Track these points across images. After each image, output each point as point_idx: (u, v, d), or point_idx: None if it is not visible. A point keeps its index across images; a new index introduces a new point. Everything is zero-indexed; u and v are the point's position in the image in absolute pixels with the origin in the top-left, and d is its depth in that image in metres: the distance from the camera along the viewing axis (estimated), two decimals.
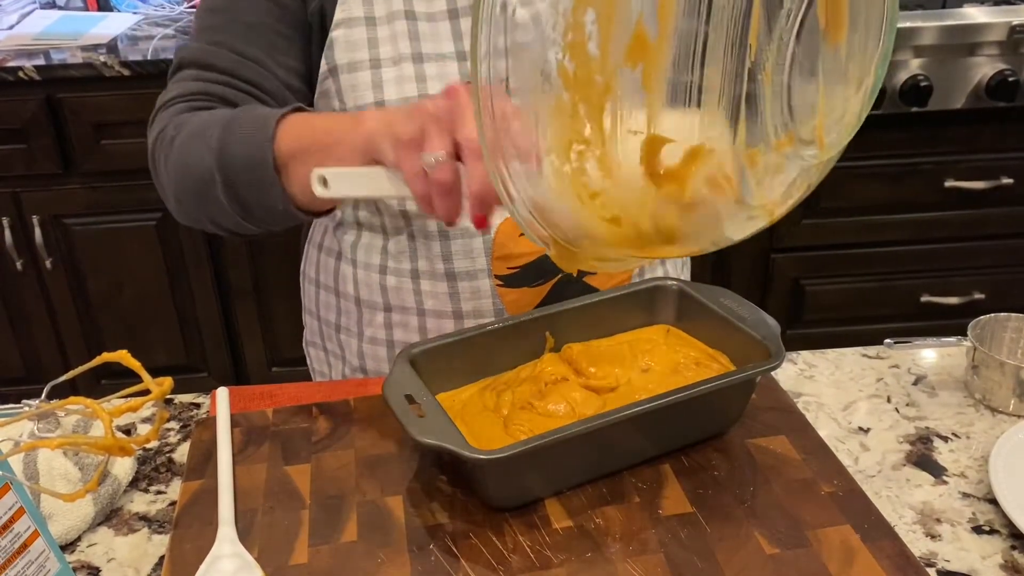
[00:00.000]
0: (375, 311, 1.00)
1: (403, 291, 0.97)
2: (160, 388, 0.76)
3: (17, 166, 1.91)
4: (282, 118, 0.80)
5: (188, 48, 0.92)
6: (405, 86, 0.87)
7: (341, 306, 1.04)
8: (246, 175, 0.80)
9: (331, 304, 1.05)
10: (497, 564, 0.68)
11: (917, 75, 1.90)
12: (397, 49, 0.88)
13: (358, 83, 0.88)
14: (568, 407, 0.79)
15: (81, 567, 0.71)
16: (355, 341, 1.04)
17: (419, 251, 0.95)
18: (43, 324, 2.09)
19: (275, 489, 0.76)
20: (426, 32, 0.88)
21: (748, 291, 2.15)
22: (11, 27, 2.05)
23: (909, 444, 0.83)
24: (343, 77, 0.89)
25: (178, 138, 0.86)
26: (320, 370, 1.13)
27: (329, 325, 1.07)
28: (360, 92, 0.88)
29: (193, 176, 0.84)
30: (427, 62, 0.88)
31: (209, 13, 0.93)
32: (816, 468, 0.77)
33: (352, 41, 0.88)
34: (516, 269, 0.93)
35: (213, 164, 0.81)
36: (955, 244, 2.14)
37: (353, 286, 1.01)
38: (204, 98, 0.89)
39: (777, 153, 0.57)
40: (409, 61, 0.87)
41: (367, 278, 0.99)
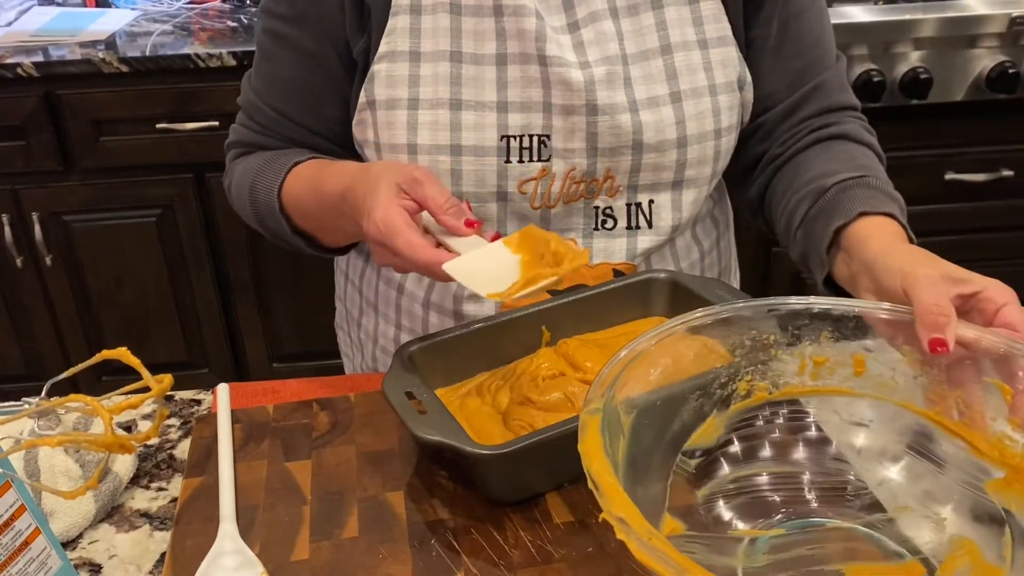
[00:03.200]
0: (388, 324, 1.01)
1: (414, 316, 0.97)
2: (160, 385, 0.76)
3: (16, 163, 1.91)
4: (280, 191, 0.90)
5: (244, 91, 0.97)
6: (439, 133, 0.85)
7: (362, 307, 1.05)
8: (272, 226, 0.94)
9: (355, 300, 1.06)
10: (498, 559, 0.68)
11: (917, 67, 1.90)
12: (437, 92, 0.85)
13: (395, 122, 0.86)
14: (567, 401, 0.79)
15: (83, 564, 0.71)
16: (371, 343, 1.05)
17: (436, 284, 0.95)
18: (43, 321, 2.09)
19: (276, 485, 0.76)
20: (469, 77, 0.85)
21: (748, 285, 2.14)
22: (9, 24, 2.05)
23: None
24: (380, 113, 0.87)
25: (231, 192, 0.99)
26: (347, 352, 1.14)
27: (353, 319, 1.08)
28: (395, 131, 0.86)
29: (251, 221, 0.98)
30: (465, 110, 0.85)
31: (257, 56, 0.95)
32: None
33: (394, 76, 0.86)
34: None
35: (255, 220, 0.96)
36: (955, 237, 2.14)
37: (374, 293, 1.01)
38: (248, 147, 0.98)
39: None
40: (447, 108, 0.85)
41: (386, 292, 1.00)
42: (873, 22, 1.88)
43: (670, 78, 0.87)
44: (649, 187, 0.90)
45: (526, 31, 0.83)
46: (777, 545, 0.66)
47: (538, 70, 0.84)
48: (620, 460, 0.58)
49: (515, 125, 0.85)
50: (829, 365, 0.71)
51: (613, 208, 0.90)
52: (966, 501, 0.66)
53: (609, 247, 0.91)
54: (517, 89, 0.85)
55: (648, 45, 0.86)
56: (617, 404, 0.60)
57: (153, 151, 1.92)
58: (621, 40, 0.86)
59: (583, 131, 0.86)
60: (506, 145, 0.86)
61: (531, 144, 0.86)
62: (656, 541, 0.49)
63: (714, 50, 0.88)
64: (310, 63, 0.90)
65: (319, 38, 0.89)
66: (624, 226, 0.91)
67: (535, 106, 0.85)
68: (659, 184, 0.89)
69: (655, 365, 0.65)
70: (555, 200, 0.88)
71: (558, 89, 0.84)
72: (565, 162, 0.87)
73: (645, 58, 0.86)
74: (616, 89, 0.85)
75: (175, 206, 1.99)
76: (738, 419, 0.71)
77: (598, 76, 0.85)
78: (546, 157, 0.86)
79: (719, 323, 0.69)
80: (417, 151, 0.86)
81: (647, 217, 0.91)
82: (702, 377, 0.69)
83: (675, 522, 0.63)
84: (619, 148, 0.86)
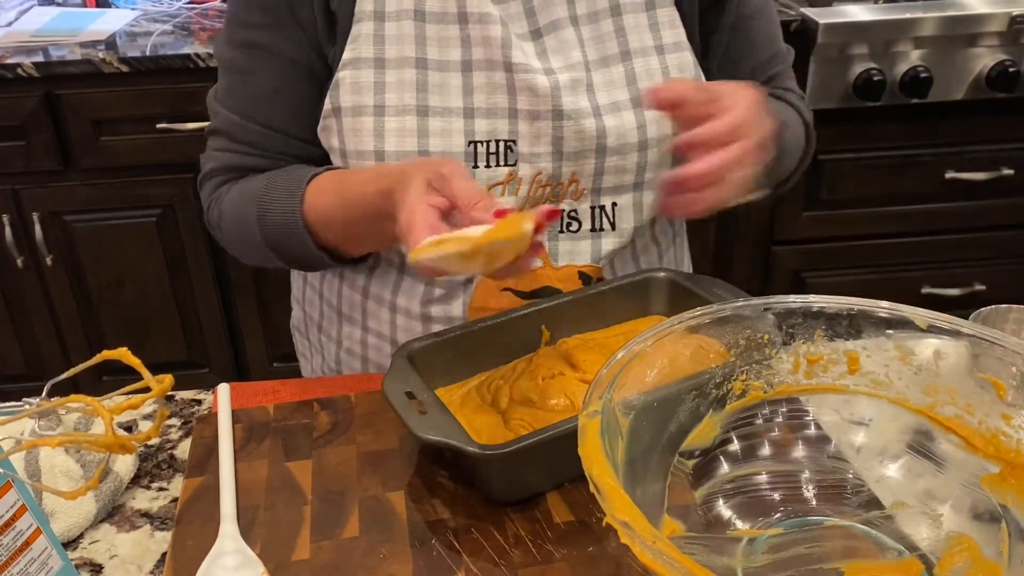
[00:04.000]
0: (354, 327, 1.00)
1: (381, 319, 0.97)
2: (160, 385, 0.76)
3: (16, 163, 1.91)
4: (303, 202, 0.87)
5: (218, 115, 0.93)
6: (406, 139, 0.85)
7: (324, 310, 1.04)
8: (290, 246, 0.90)
9: (315, 303, 1.05)
10: (499, 558, 0.68)
11: (917, 66, 1.90)
12: (403, 99, 0.85)
13: (361, 128, 0.86)
14: (567, 401, 0.79)
15: (83, 564, 0.71)
16: (333, 346, 1.04)
17: (403, 287, 0.94)
18: (44, 321, 2.09)
19: (276, 485, 0.76)
20: (435, 83, 0.86)
21: (749, 284, 2.15)
22: (9, 24, 2.05)
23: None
24: (346, 120, 0.86)
25: (223, 223, 0.95)
26: (304, 353, 1.13)
27: (312, 321, 1.07)
28: (362, 138, 0.86)
29: (253, 256, 0.95)
30: (432, 116, 0.85)
31: (229, 73, 0.92)
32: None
33: (359, 83, 0.86)
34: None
35: (263, 245, 0.91)
36: (956, 235, 2.14)
37: (336, 297, 1.01)
38: (235, 174, 0.94)
39: None
40: (413, 114, 0.85)
41: (350, 296, 0.99)
42: (873, 21, 1.88)
43: (630, 83, 0.89)
44: (612, 190, 0.91)
45: (492, 38, 0.85)
46: (776, 544, 0.66)
47: (504, 76, 0.85)
48: (619, 462, 0.58)
49: (481, 130, 0.86)
50: (823, 363, 0.71)
51: (578, 211, 0.91)
52: (964, 498, 0.67)
53: (575, 249, 0.92)
54: (483, 95, 0.86)
55: (609, 51, 0.88)
56: (615, 406, 0.60)
57: (153, 151, 1.93)
58: (583, 47, 0.88)
59: (549, 135, 0.87)
60: (473, 150, 0.86)
61: (497, 149, 0.87)
62: (660, 544, 0.49)
63: (671, 55, 0.90)
64: (293, 70, 0.89)
65: (300, 44, 0.88)
66: (588, 228, 0.92)
67: (501, 112, 0.86)
68: (621, 187, 0.91)
69: (652, 366, 0.65)
70: (522, 203, 0.89)
71: (524, 95, 0.86)
72: (531, 166, 0.88)
73: (606, 64, 0.88)
74: (580, 95, 0.87)
75: (175, 206, 1.99)
76: (734, 419, 0.71)
77: (563, 82, 0.86)
78: (512, 162, 0.87)
79: (716, 322, 0.69)
80: (384, 157, 0.86)
81: (611, 219, 0.92)
82: (698, 377, 0.69)
83: (674, 523, 0.63)
84: (583, 152, 0.88)
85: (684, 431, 0.68)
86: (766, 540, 0.66)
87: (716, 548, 0.66)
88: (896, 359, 0.70)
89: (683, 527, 0.64)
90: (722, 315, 0.69)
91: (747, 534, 0.67)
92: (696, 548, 0.64)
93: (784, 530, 0.67)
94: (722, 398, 0.70)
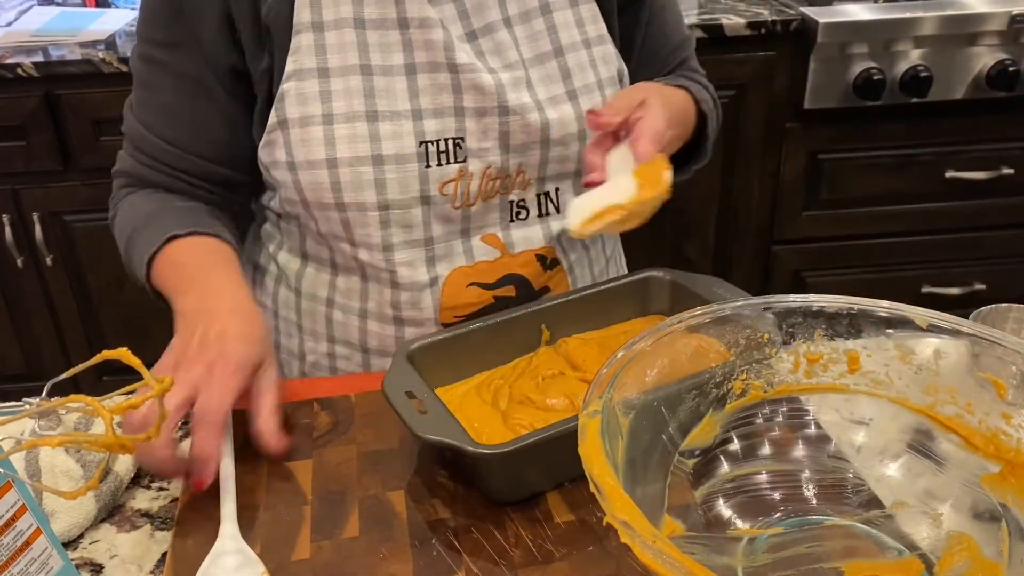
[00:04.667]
0: (319, 340, 1.00)
1: (349, 327, 0.97)
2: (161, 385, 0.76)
3: (16, 163, 1.91)
4: (151, 266, 0.91)
5: (127, 120, 0.97)
6: (358, 145, 0.86)
7: (281, 327, 1.03)
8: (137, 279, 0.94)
9: (270, 322, 1.04)
10: (499, 558, 0.68)
11: (917, 65, 1.90)
12: (351, 106, 0.86)
13: (310, 138, 0.86)
14: (567, 400, 0.80)
15: (84, 564, 0.71)
16: (296, 362, 1.03)
17: (370, 293, 0.95)
18: (44, 321, 2.09)
19: (277, 485, 0.76)
20: (381, 88, 0.87)
21: (749, 284, 2.15)
22: (9, 24, 2.05)
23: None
24: (294, 131, 0.87)
25: (114, 227, 0.98)
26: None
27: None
28: (312, 148, 0.87)
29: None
30: (382, 120, 0.87)
31: (137, 84, 0.95)
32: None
33: (304, 94, 0.86)
34: (461, 317, 0.94)
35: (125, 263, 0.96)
36: (956, 235, 2.14)
37: (296, 314, 1.00)
38: (138, 182, 0.97)
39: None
40: (363, 120, 0.86)
41: (312, 309, 0.99)
42: (873, 20, 1.88)
43: (565, 77, 0.93)
44: (555, 177, 0.95)
45: (434, 42, 0.87)
46: (776, 544, 0.66)
47: (448, 77, 0.88)
48: (619, 461, 0.58)
49: (431, 130, 0.88)
50: (823, 362, 0.71)
51: (526, 200, 0.95)
52: (965, 497, 0.67)
53: (528, 235, 0.96)
54: (428, 96, 0.88)
55: (542, 49, 0.92)
56: (615, 405, 0.60)
57: None
58: (518, 46, 0.91)
59: (496, 131, 0.90)
60: (424, 150, 0.88)
61: (447, 147, 0.89)
62: (661, 544, 0.49)
63: (595, 48, 0.95)
64: (190, 87, 0.90)
65: (197, 62, 0.89)
66: (536, 214, 0.96)
67: (447, 111, 0.89)
68: (563, 173, 0.95)
69: (652, 365, 0.65)
70: (474, 198, 0.92)
71: (470, 94, 0.88)
72: (481, 161, 0.91)
73: (541, 61, 0.92)
74: (522, 91, 0.90)
75: None
76: (734, 418, 0.71)
77: (505, 80, 0.89)
78: (462, 158, 0.90)
79: (716, 322, 0.69)
80: (337, 164, 0.87)
81: (555, 203, 0.96)
82: (698, 377, 0.69)
83: (674, 523, 0.63)
84: (529, 144, 0.91)
85: (684, 430, 0.68)
86: (766, 539, 0.66)
87: (716, 548, 0.66)
88: (896, 358, 0.70)
89: (683, 527, 0.64)
90: (722, 314, 0.69)
91: (747, 533, 0.67)
92: (696, 548, 0.64)
93: (784, 529, 0.67)
94: (722, 397, 0.70)
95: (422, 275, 0.92)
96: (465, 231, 0.93)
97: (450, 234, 0.92)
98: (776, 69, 1.95)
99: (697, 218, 2.11)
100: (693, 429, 0.69)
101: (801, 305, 0.70)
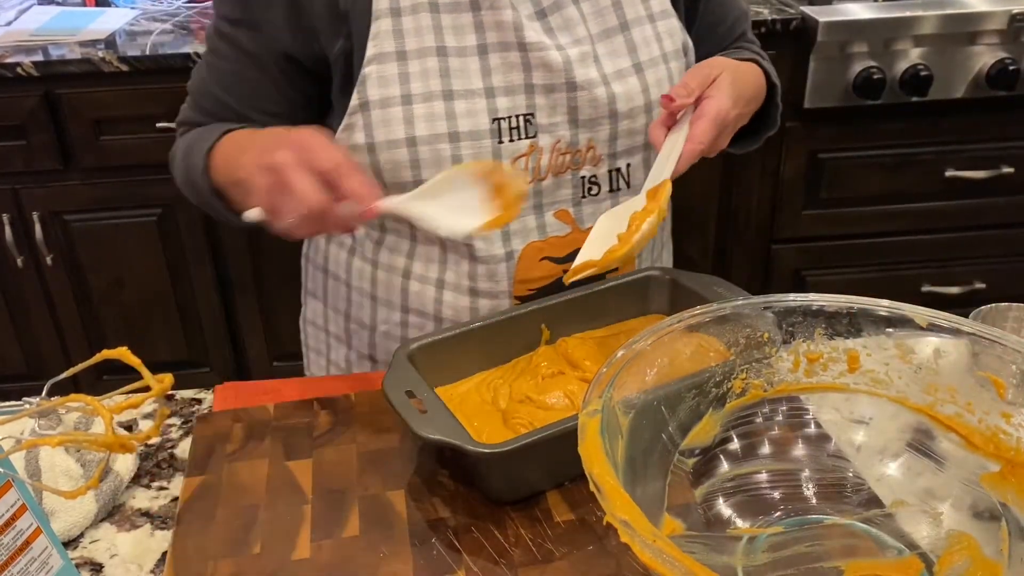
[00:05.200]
0: (392, 310, 1.02)
1: (425, 298, 0.99)
2: (160, 385, 0.76)
3: (16, 162, 1.91)
4: (209, 156, 0.93)
5: (193, 77, 1.03)
6: (436, 123, 0.90)
7: (353, 298, 1.06)
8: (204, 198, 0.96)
9: (340, 293, 1.07)
10: (499, 557, 0.68)
11: (917, 64, 1.90)
12: (428, 86, 0.90)
13: (390, 119, 0.90)
14: (567, 400, 0.80)
15: (84, 563, 0.71)
16: (367, 332, 1.06)
17: (448, 264, 0.97)
18: (44, 320, 2.09)
19: (277, 484, 0.76)
20: (456, 68, 0.91)
21: (749, 283, 2.15)
22: (9, 23, 2.05)
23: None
24: (375, 113, 0.91)
25: (174, 162, 1.02)
26: (316, 347, 1.15)
27: (338, 312, 1.09)
28: (392, 127, 0.90)
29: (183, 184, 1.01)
30: (457, 99, 0.91)
31: (207, 49, 1.00)
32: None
33: (385, 77, 0.90)
34: (533, 291, 0.96)
35: (183, 178, 0.99)
36: (956, 234, 2.14)
37: (370, 284, 1.03)
38: (193, 127, 1.02)
39: None
40: (440, 99, 0.90)
41: (388, 279, 1.01)
42: (873, 19, 1.88)
43: (631, 51, 0.96)
44: (626, 152, 0.98)
45: (504, 22, 0.90)
46: (776, 543, 0.66)
47: (518, 56, 0.91)
48: (619, 460, 0.58)
49: (503, 108, 0.92)
50: (823, 361, 0.71)
51: (597, 176, 0.97)
52: (965, 496, 0.67)
53: (597, 211, 0.97)
54: (500, 75, 0.92)
55: (608, 24, 0.95)
56: (615, 405, 0.60)
57: (153, 150, 1.92)
58: (586, 22, 0.94)
59: (564, 106, 0.93)
60: (497, 127, 0.92)
61: (518, 123, 0.93)
62: (661, 543, 0.49)
63: (660, 22, 0.98)
64: (247, 61, 0.95)
65: (257, 41, 0.94)
66: (607, 190, 0.98)
67: (518, 88, 0.92)
68: (633, 148, 0.98)
69: (652, 364, 0.65)
70: (545, 172, 0.95)
71: (539, 71, 0.92)
72: (550, 136, 0.94)
73: (608, 36, 0.95)
74: (589, 66, 0.93)
75: (176, 205, 1.99)
76: (734, 417, 0.71)
77: (573, 56, 0.92)
78: (532, 134, 0.93)
79: (716, 321, 0.69)
80: (416, 143, 0.90)
81: (626, 179, 0.99)
82: (697, 376, 0.69)
83: (674, 522, 0.63)
84: (598, 119, 0.94)
85: (684, 430, 0.68)
86: (766, 539, 0.66)
87: (716, 547, 0.66)
88: (896, 357, 0.70)
89: (683, 526, 0.64)
90: (722, 314, 0.69)
91: (747, 533, 0.67)
92: (696, 547, 0.64)
93: (784, 529, 0.67)
94: (722, 397, 0.70)
95: (498, 248, 0.95)
96: (538, 206, 0.95)
97: (523, 209, 0.95)
98: (776, 68, 1.95)
99: (697, 217, 2.11)
100: (693, 428, 0.69)
101: (801, 304, 0.70)
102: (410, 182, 0.91)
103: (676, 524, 0.63)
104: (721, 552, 0.65)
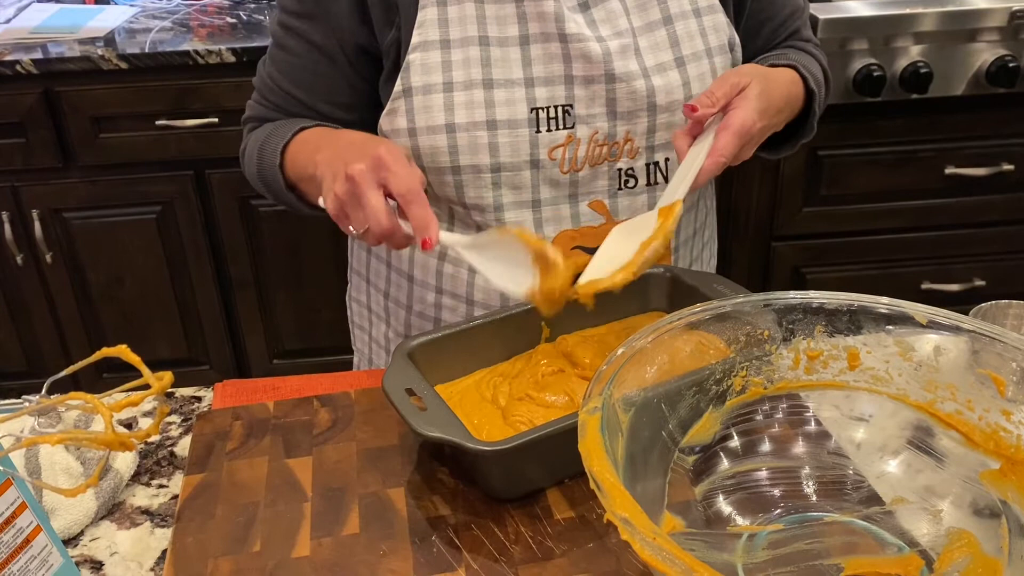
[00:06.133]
0: (427, 290, 1.04)
1: (458, 280, 1.01)
2: (160, 383, 0.76)
3: (16, 160, 1.91)
4: (283, 153, 0.95)
5: (259, 72, 1.05)
6: (475, 111, 0.92)
7: (392, 278, 1.08)
8: (277, 191, 0.99)
9: (381, 272, 1.09)
10: (499, 555, 0.68)
11: (917, 61, 1.89)
12: (469, 74, 0.92)
13: (431, 105, 0.92)
14: (567, 398, 0.79)
15: (84, 561, 0.71)
16: (403, 312, 1.08)
17: None
18: (44, 318, 2.09)
19: (277, 482, 0.76)
20: (497, 58, 0.93)
21: (749, 280, 2.15)
22: (8, 21, 2.05)
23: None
24: (417, 99, 0.92)
25: (244, 157, 1.03)
26: (360, 324, 1.18)
27: (378, 290, 1.11)
28: (433, 114, 0.92)
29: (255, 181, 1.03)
30: (496, 88, 0.92)
31: (272, 43, 1.02)
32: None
33: (428, 64, 0.92)
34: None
35: (257, 176, 1.01)
36: (956, 231, 2.14)
37: (408, 264, 1.05)
38: (261, 123, 1.04)
39: None
40: (480, 87, 0.92)
41: (423, 260, 1.03)
42: (873, 16, 1.88)
43: (673, 45, 0.96)
44: (664, 146, 0.97)
45: (546, 13, 0.92)
46: (776, 540, 0.66)
47: (559, 47, 0.93)
48: (619, 458, 0.58)
49: (542, 97, 0.93)
50: (823, 359, 0.71)
51: (634, 168, 0.97)
52: (965, 494, 0.67)
53: (633, 204, 0.98)
54: (540, 65, 0.93)
55: (652, 17, 0.96)
56: (615, 402, 0.60)
57: (153, 148, 1.92)
58: (628, 15, 0.95)
59: (603, 97, 0.94)
60: (535, 116, 0.93)
61: (557, 114, 0.94)
62: (661, 541, 0.49)
63: (706, 17, 0.98)
64: (316, 53, 0.97)
65: (326, 34, 0.96)
66: (644, 184, 0.98)
67: (557, 79, 0.93)
68: (671, 143, 0.96)
69: (652, 362, 0.65)
70: (582, 163, 0.95)
71: (579, 62, 0.93)
72: (588, 127, 0.94)
73: (650, 29, 0.95)
74: (629, 58, 0.94)
75: (175, 203, 1.99)
76: (734, 415, 0.71)
77: (613, 48, 0.93)
78: (570, 124, 0.94)
79: (716, 318, 0.69)
80: (455, 129, 0.92)
81: (664, 173, 0.99)
82: (698, 373, 0.69)
83: (675, 519, 0.63)
84: (636, 111, 0.95)
85: (684, 427, 0.68)
86: (766, 536, 0.66)
87: (716, 544, 0.66)
88: (896, 355, 0.70)
89: (683, 523, 0.64)
90: (722, 311, 0.69)
91: (747, 530, 0.67)
92: (696, 544, 0.64)
93: (784, 526, 0.67)
94: (722, 394, 0.70)
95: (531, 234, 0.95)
96: (573, 196, 0.96)
97: (558, 198, 0.96)
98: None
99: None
100: (693, 426, 0.69)
101: (801, 301, 0.70)
102: (447, 167, 0.93)
103: (676, 521, 0.63)
104: (721, 549, 0.65)
